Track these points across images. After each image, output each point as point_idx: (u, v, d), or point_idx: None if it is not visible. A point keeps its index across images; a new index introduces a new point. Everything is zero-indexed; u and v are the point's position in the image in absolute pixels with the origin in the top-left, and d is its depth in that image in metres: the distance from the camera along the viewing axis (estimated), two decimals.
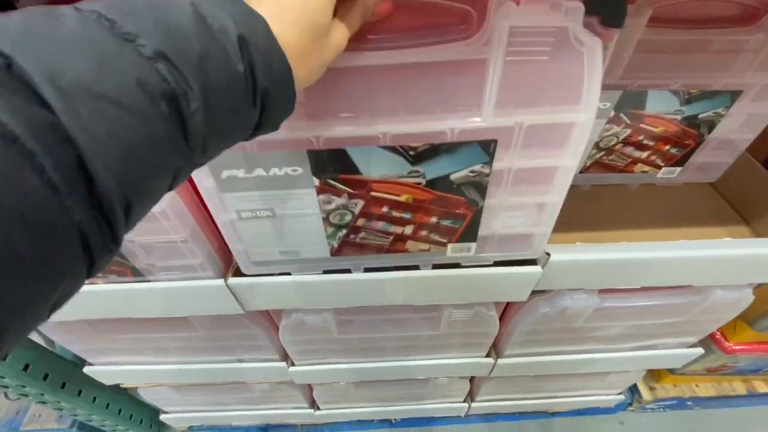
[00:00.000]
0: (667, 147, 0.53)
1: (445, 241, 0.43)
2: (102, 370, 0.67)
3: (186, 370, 0.67)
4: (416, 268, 0.47)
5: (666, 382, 0.94)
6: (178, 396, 0.80)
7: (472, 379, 0.80)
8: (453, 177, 0.36)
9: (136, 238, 0.42)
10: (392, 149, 0.34)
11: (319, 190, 0.37)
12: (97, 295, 0.47)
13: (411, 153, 0.34)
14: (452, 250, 0.44)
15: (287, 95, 0.22)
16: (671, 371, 0.92)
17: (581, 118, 0.32)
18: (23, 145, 0.13)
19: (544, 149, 0.35)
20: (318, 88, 0.28)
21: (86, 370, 0.67)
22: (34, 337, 0.67)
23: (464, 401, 0.88)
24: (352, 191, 0.37)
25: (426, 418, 0.96)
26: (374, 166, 0.35)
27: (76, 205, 0.15)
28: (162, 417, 0.89)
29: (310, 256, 0.44)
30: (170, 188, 0.20)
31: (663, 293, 0.55)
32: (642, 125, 0.49)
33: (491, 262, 0.46)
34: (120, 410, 0.87)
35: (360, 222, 0.40)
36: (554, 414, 0.99)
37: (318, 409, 0.87)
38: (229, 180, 0.35)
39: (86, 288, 0.43)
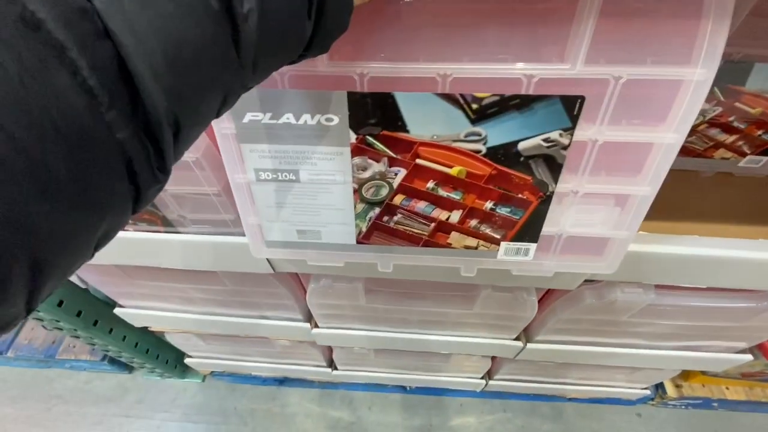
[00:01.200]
0: (760, 132, 0.44)
1: (498, 237, 0.35)
2: (131, 312, 0.69)
3: (210, 321, 0.69)
4: (455, 272, 0.39)
5: (695, 381, 0.93)
6: (202, 343, 0.84)
7: (493, 358, 0.80)
8: (522, 146, 0.29)
9: (168, 187, 0.37)
10: (451, 99, 0.27)
11: (355, 151, 0.31)
12: (127, 242, 0.45)
13: (473, 107, 0.28)
14: (505, 252, 0.36)
15: (344, 4, 0.19)
16: (703, 371, 0.88)
17: (698, 76, 0.25)
18: (49, 34, 0.11)
19: (642, 117, 0.28)
20: (370, 14, 0.23)
21: (117, 311, 0.70)
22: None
23: (482, 378, 0.88)
24: (393, 155, 0.31)
25: (441, 388, 0.97)
26: (425, 122, 0.29)
27: (118, 120, 0.13)
28: (186, 360, 0.93)
29: (333, 239, 0.37)
30: (218, 114, 0.18)
31: (726, 295, 0.50)
32: (737, 104, 0.41)
33: (550, 274, 0.38)
34: (148, 350, 0.92)
35: (398, 199, 0.33)
36: (570, 399, 0.99)
37: (336, 369, 0.89)
38: (250, 127, 0.30)
39: (119, 235, 0.41)
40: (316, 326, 0.68)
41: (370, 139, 0.30)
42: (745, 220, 0.51)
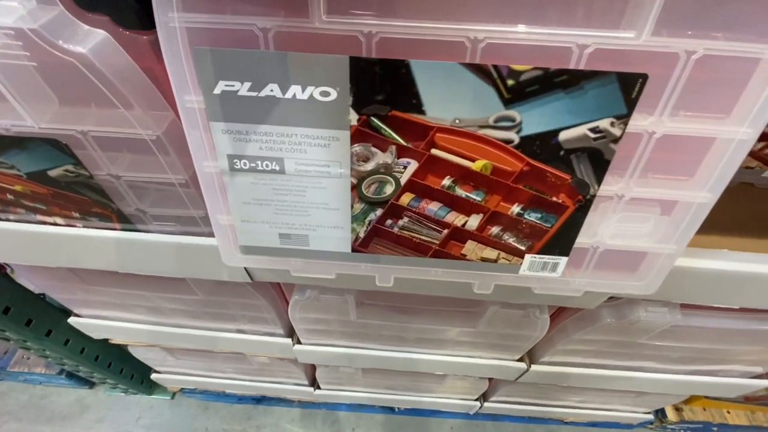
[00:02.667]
0: None
1: (522, 248, 0.29)
2: (88, 323, 0.62)
3: (180, 334, 0.61)
4: (467, 287, 0.33)
5: (696, 405, 0.89)
6: (171, 358, 0.76)
7: (491, 379, 0.75)
8: (564, 136, 0.23)
9: (122, 174, 0.31)
10: (482, 72, 0.22)
11: (356, 136, 0.24)
12: (75, 241, 0.37)
13: (509, 83, 0.22)
14: (529, 266, 0.30)
15: None
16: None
17: None
18: None
19: (712, 105, 0.22)
20: None
21: (71, 321, 0.62)
22: (20, 279, 0.63)
23: (476, 400, 0.83)
24: (403, 143, 0.25)
25: (432, 410, 0.91)
26: (447, 101, 0.23)
27: None
28: (153, 376, 0.85)
29: (323, 246, 0.30)
30: None
31: (755, 316, 0.46)
32: None
33: (579, 294, 0.32)
34: (110, 363, 0.83)
35: (405, 199, 0.27)
36: (567, 422, 0.95)
37: (318, 388, 0.82)
38: (224, 99, 0.23)
39: (64, 231, 0.36)
40: (299, 342, 0.61)
41: (376, 121, 0.24)
42: (765, 234, 0.47)
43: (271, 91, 0.23)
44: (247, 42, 0.22)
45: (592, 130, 0.23)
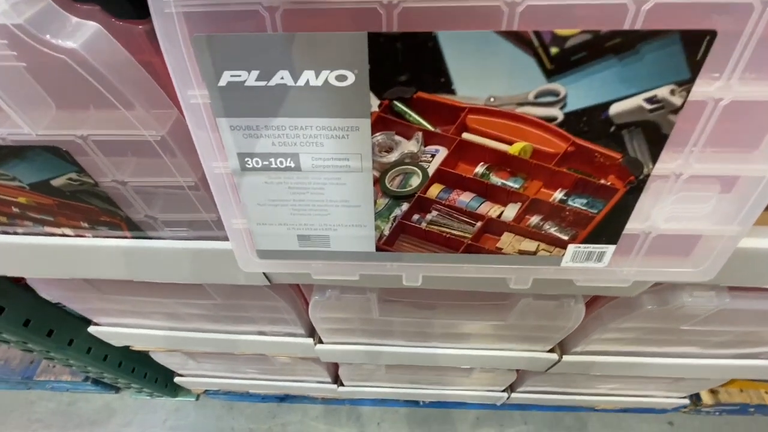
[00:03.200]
0: None
1: (565, 238, 0.26)
2: (108, 331, 0.61)
3: (200, 339, 0.61)
4: (502, 283, 0.31)
5: (732, 387, 0.86)
6: (193, 362, 0.76)
7: (518, 369, 0.73)
8: (615, 110, 0.21)
9: (128, 179, 0.29)
10: (520, 41, 0.19)
11: (377, 124, 0.22)
12: (87, 252, 0.36)
13: (552, 52, 0.19)
14: (573, 257, 0.27)
15: None
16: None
17: None
18: None
19: None
20: None
21: (91, 330, 0.61)
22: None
23: (503, 391, 0.81)
24: (431, 128, 0.22)
25: (457, 402, 0.90)
26: (480, 78, 0.20)
27: None
28: (176, 380, 0.85)
29: (345, 247, 0.28)
30: None
31: None
32: None
33: (627, 284, 0.29)
34: (134, 369, 0.83)
35: (433, 191, 0.25)
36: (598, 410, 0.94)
37: (342, 385, 0.81)
38: (230, 92, 0.21)
39: (73, 242, 0.35)
40: (320, 342, 0.60)
41: (400, 105, 0.21)
42: None
43: (282, 78, 0.21)
44: (253, 25, 0.19)
45: (649, 100, 0.20)
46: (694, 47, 0.19)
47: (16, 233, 0.35)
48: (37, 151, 0.26)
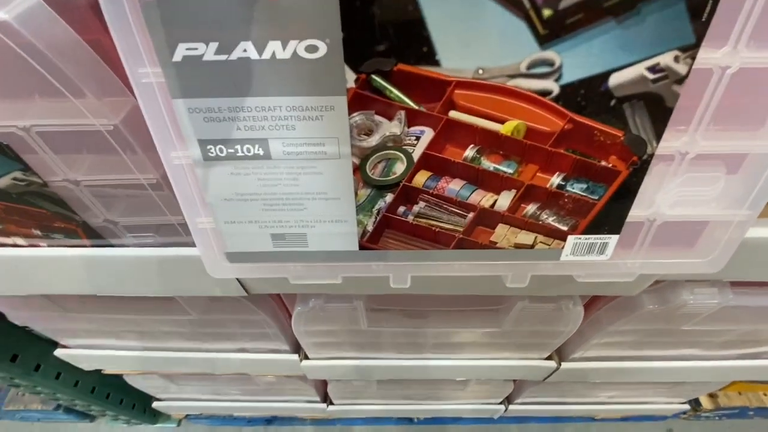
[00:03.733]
0: None
1: (564, 229, 0.24)
2: (76, 354, 0.56)
3: (177, 359, 0.56)
4: (497, 281, 0.28)
5: (731, 390, 0.85)
6: (172, 384, 0.71)
7: (515, 380, 0.70)
8: (615, 80, 0.19)
9: (81, 178, 0.26)
10: (509, 1, 0.17)
11: (355, 102, 0.20)
12: (42, 263, 0.32)
13: (544, 14, 0.17)
14: (573, 250, 0.25)
15: None
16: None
17: None
18: None
19: None
20: None
21: (58, 353, 0.56)
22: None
23: (500, 403, 0.77)
24: (414, 106, 0.20)
25: (453, 417, 0.88)
26: (467, 45, 0.18)
27: None
28: (155, 405, 0.80)
29: (325, 245, 0.25)
30: None
31: None
32: None
33: (631, 278, 0.27)
34: (108, 395, 0.77)
35: (419, 178, 0.23)
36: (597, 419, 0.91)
37: (331, 404, 0.77)
38: (187, 68, 0.19)
39: (27, 253, 0.32)
40: (306, 357, 0.56)
41: (378, 80, 0.19)
42: None
43: (244, 51, 0.18)
44: None
45: (651, 69, 0.18)
46: (700, 8, 0.17)
47: None
48: None
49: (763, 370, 0.58)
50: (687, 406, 0.80)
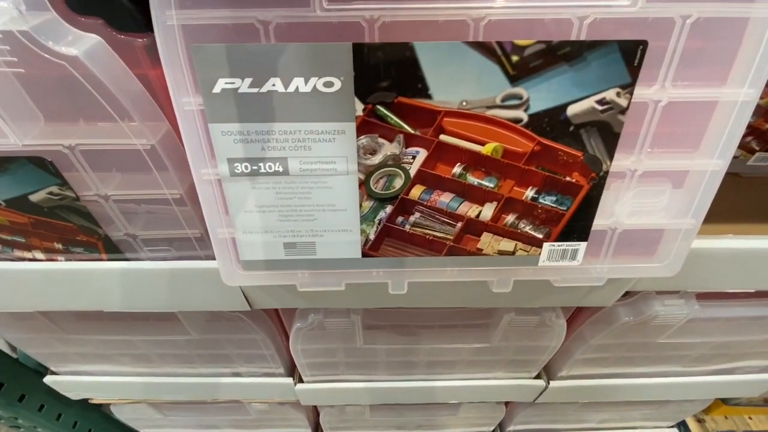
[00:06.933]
0: None
1: (540, 236, 0.28)
2: (66, 380, 0.56)
3: (170, 384, 0.56)
4: (483, 286, 0.31)
5: (717, 414, 0.85)
6: (159, 415, 0.69)
7: (506, 404, 0.71)
8: (572, 111, 0.23)
9: (111, 192, 0.29)
10: (486, 50, 0.22)
11: (362, 127, 0.24)
12: (56, 277, 0.34)
13: (513, 60, 0.22)
14: (549, 255, 0.29)
15: None
16: (724, 401, 0.82)
17: None
18: None
19: (712, 68, 0.23)
20: None
21: (48, 380, 0.56)
22: None
23: (493, 431, 0.78)
24: (411, 131, 0.24)
25: None
26: (453, 83, 0.22)
27: None
28: None
29: (331, 254, 0.28)
30: None
31: None
32: None
33: (601, 282, 0.31)
34: (90, 430, 0.74)
35: (415, 192, 0.26)
36: None
37: None
38: (223, 99, 0.23)
39: (41, 266, 0.33)
40: (300, 381, 0.57)
41: (382, 109, 0.23)
42: (763, 221, 0.47)
43: (273, 85, 0.22)
44: (247, 36, 0.21)
45: (599, 102, 0.23)
46: (631, 55, 0.22)
47: None
48: (19, 163, 0.26)
49: (740, 385, 0.61)
50: (676, 431, 0.82)
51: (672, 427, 0.81)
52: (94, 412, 0.74)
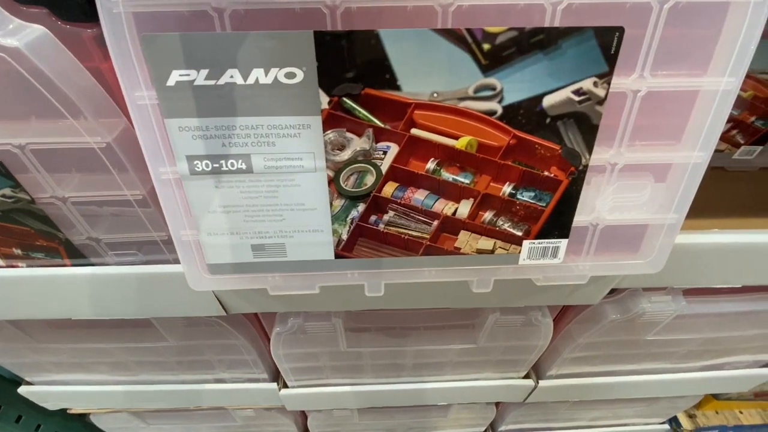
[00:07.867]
0: (753, 118, 0.41)
1: (519, 234, 0.27)
2: (41, 391, 0.54)
3: (150, 392, 0.55)
4: (464, 287, 0.30)
5: (708, 409, 0.85)
6: (142, 424, 0.68)
7: (497, 405, 0.70)
8: (548, 102, 0.22)
9: (69, 194, 0.27)
10: (456, 38, 0.20)
11: (329, 121, 0.22)
12: (19, 284, 0.32)
13: (485, 48, 0.21)
14: (529, 253, 0.28)
15: None
16: (715, 396, 0.81)
17: None
18: None
19: (690, 58, 0.22)
20: None
21: (22, 390, 0.54)
22: None
23: (484, 431, 0.76)
24: (380, 124, 0.23)
25: None
26: (422, 74, 0.21)
27: None
28: None
29: (303, 255, 0.27)
30: None
31: (759, 296, 0.45)
32: None
33: (584, 281, 0.30)
34: None
35: (388, 189, 0.25)
36: None
37: None
38: (179, 92, 0.21)
39: (4, 273, 0.32)
40: (285, 386, 0.55)
41: (349, 102, 0.22)
42: (749, 215, 0.47)
43: (231, 77, 0.21)
44: (201, 25, 0.20)
45: (576, 92, 0.22)
46: (608, 42, 0.21)
47: None
48: None
49: (730, 381, 0.61)
50: (667, 426, 0.81)
51: (663, 423, 0.81)
52: (75, 422, 0.72)
